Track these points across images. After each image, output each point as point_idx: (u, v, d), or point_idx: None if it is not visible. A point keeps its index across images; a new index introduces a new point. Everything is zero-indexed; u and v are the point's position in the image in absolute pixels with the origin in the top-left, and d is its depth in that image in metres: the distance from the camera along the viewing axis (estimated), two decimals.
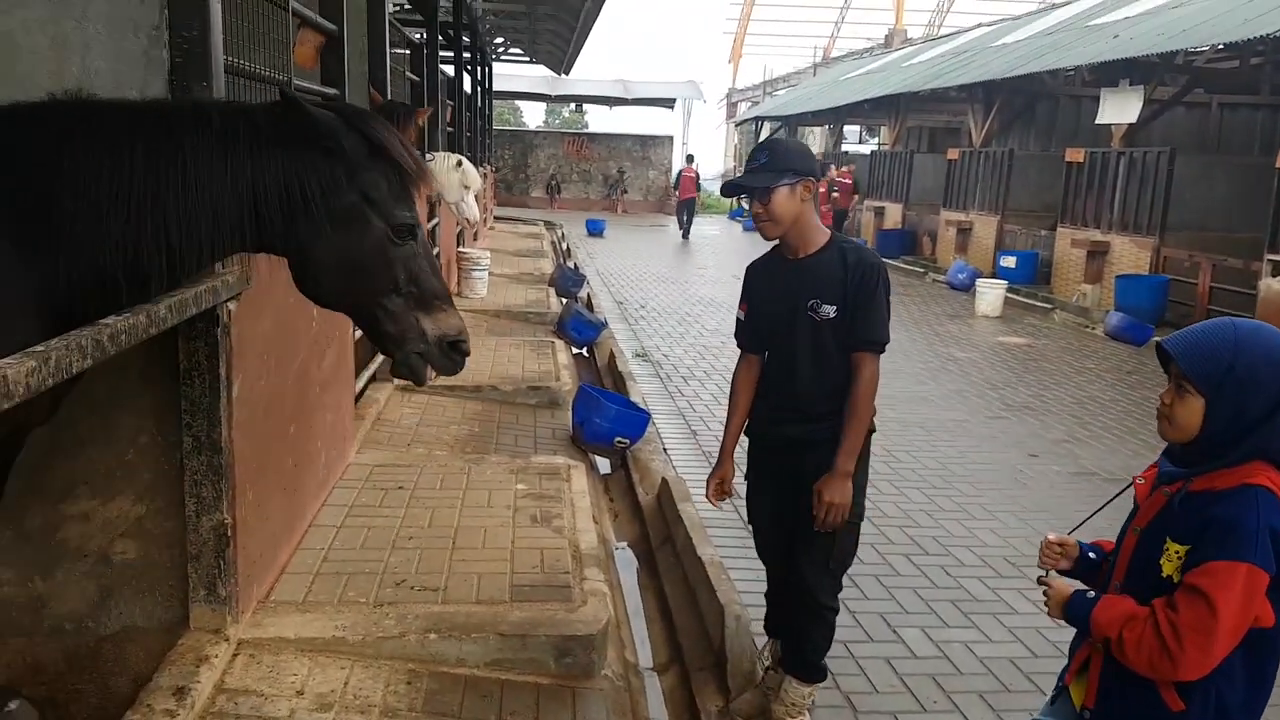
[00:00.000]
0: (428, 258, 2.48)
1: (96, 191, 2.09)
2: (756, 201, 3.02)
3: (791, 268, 3.11)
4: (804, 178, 3.00)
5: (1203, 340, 1.93)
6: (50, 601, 2.98)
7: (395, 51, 7.30)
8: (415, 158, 2.40)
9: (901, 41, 34.57)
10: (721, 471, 3.37)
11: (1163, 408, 1.98)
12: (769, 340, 3.21)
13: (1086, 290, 13.57)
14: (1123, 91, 13.55)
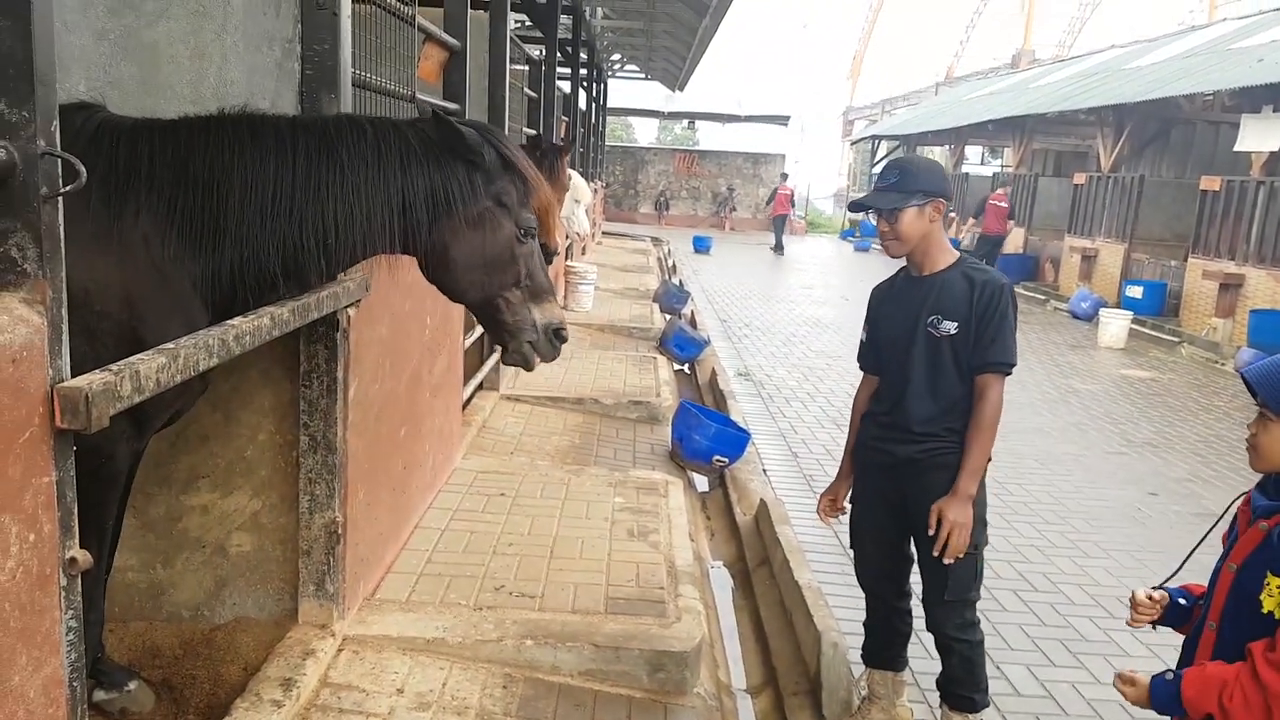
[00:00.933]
0: (539, 257, 2.77)
1: (261, 195, 2.33)
2: (884, 220, 3.01)
3: (914, 284, 3.10)
4: (933, 198, 2.98)
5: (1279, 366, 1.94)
6: (169, 589, 3.12)
7: (514, 67, 7.46)
8: (535, 171, 2.70)
9: (1029, 62, 33.64)
10: (835, 489, 3.39)
11: (1250, 438, 1.97)
12: (886, 358, 3.19)
13: (1217, 324, 12.90)
14: (1265, 118, 12.87)
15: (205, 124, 2.37)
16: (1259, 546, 1.93)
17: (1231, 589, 1.98)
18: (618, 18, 16.42)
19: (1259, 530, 1.94)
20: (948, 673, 3.16)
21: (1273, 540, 1.89)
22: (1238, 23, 19.75)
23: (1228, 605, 1.97)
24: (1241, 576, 1.96)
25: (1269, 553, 1.90)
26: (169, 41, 2.85)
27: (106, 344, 2.09)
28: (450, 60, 4.58)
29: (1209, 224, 13.80)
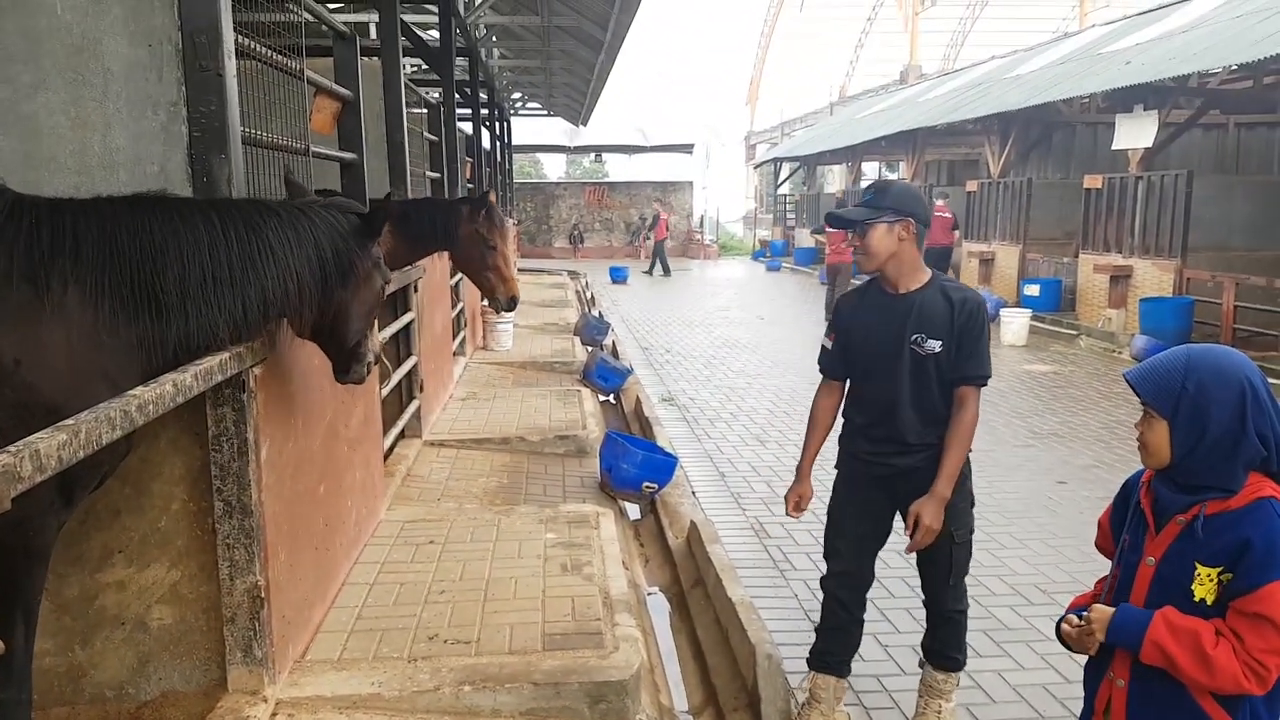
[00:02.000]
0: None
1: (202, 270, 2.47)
2: (855, 234, 3.20)
3: (892, 302, 3.24)
4: (903, 218, 3.15)
5: (1157, 366, 2.06)
6: (90, 670, 3.03)
7: (412, 112, 7.47)
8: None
9: (917, 77, 34.78)
10: (800, 489, 3.55)
11: (1139, 437, 2.09)
12: (868, 374, 3.34)
13: (1111, 315, 13.48)
14: (1137, 116, 13.55)
15: (127, 203, 2.45)
16: (1178, 539, 2.02)
17: (1153, 583, 2.06)
18: (514, 57, 16.56)
19: (1176, 524, 2.03)
20: (940, 638, 3.45)
21: (1196, 532, 1.98)
22: (1106, 28, 20.78)
23: (1151, 599, 2.05)
24: (1163, 570, 2.04)
25: (1193, 544, 1.98)
26: (48, 112, 2.81)
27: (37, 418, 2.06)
28: (344, 110, 4.59)
29: (1095, 220, 14.43)
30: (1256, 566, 1.88)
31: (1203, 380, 1.97)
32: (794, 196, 35.25)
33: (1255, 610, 1.87)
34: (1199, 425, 1.96)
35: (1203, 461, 1.97)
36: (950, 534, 3.27)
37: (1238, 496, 1.96)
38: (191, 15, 2.78)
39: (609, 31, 12.21)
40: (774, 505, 6.22)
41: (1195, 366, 2.00)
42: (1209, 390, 1.96)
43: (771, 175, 36.16)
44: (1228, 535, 1.93)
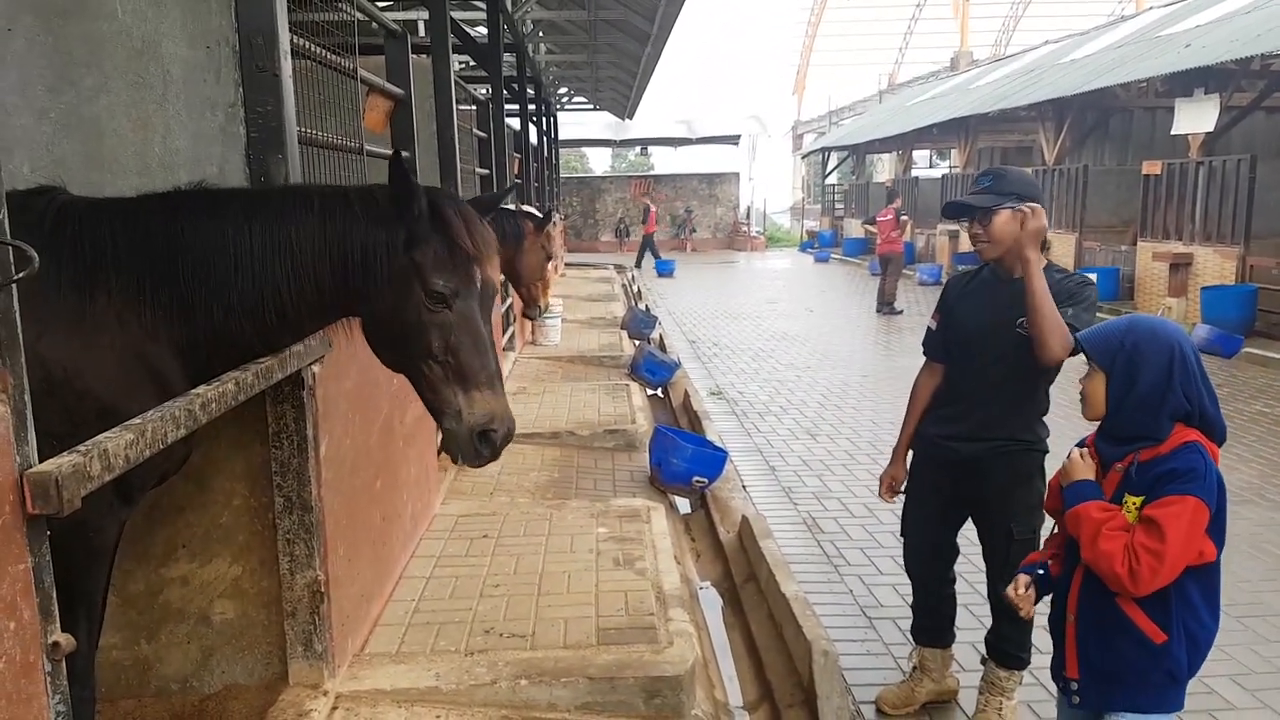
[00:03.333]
0: (472, 334, 2.46)
1: (222, 266, 2.37)
2: (976, 222, 3.16)
3: (1002, 286, 3.21)
4: (1028, 202, 3.11)
5: (1106, 327, 2.41)
6: (156, 663, 3.09)
7: (462, 109, 7.51)
8: (476, 238, 2.49)
9: (968, 64, 34.26)
10: (894, 471, 3.64)
11: (1080, 391, 2.41)
12: (963, 355, 3.33)
13: (1171, 304, 13.16)
14: (1198, 101, 13.20)
15: (162, 202, 2.41)
16: (1118, 486, 2.33)
17: None
18: (561, 52, 16.59)
19: (1115, 472, 2.35)
20: (1001, 633, 3.42)
21: (1130, 475, 2.30)
22: (1163, 10, 20.28)
23: None
24: None
25: (1126, 485, 2.31)
26: (110, 115, 2.86)
27: (89, 423, 2.09)
28: (396, 108, 4.62)
29: (1154, 207, 14.10)
30: (1167, 481, 2.21)
31: (1138, 341, 2.29)
32: (842, 186, 34.91)
33: (1150, 514, 2.19)
34: (1130, 378, 2.28)
35: (1132, 412, 2.29)
36: (1009, 530, 3.27)
37: (1166, 443, 2.27)
38: (248, 17, 2.81)
39: (655, 24, 12.18)
40: (826, 500, 6.17)
41: (1134, 329, 2.33)
42: (1142, 349, 2.28)
43: (819, 165, 35.88)
44: (1155, 469, 2.25)
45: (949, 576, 3.61)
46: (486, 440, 2.48)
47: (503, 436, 2.49)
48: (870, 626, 4.35)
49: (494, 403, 2.47)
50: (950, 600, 3.65)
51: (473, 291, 2.47)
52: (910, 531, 3.62)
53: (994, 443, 3.24)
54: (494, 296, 2.59)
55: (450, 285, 2.43)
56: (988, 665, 3.51)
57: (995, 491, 3.29)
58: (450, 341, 2.45)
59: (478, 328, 2.47)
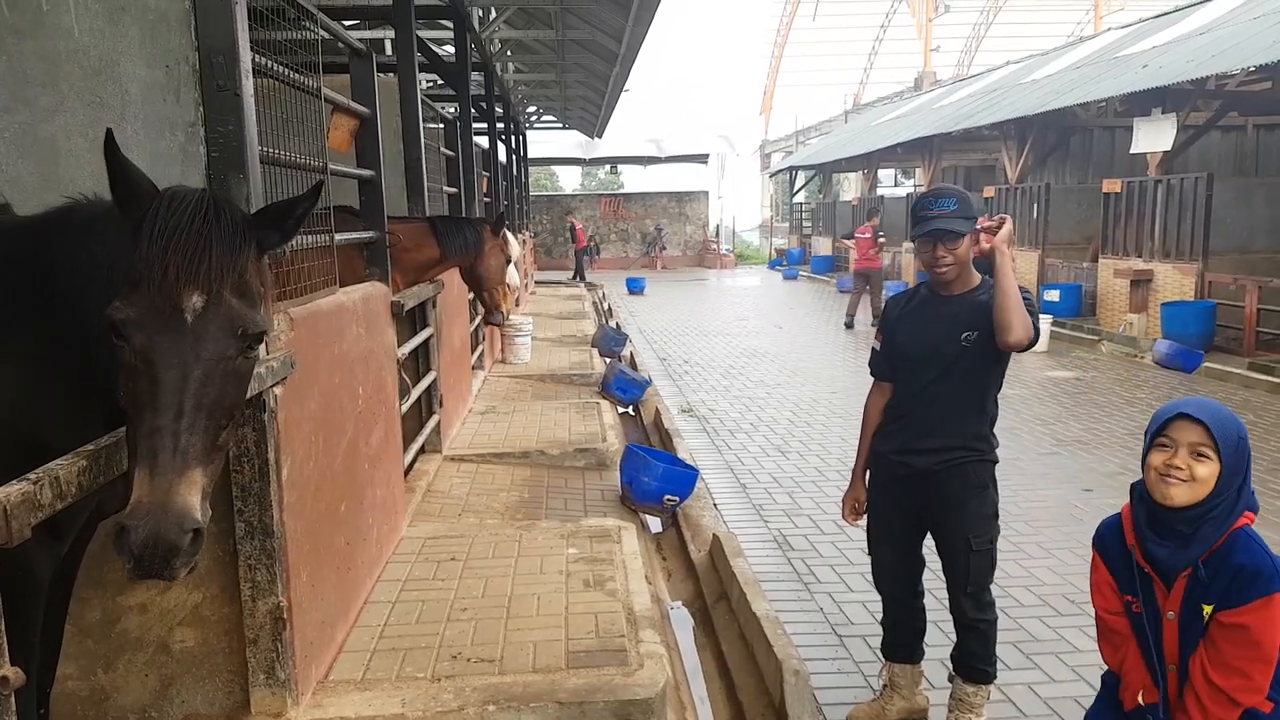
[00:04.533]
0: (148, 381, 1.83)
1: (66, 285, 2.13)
2: (943, 246, 3.20)
3: (944, 304, 3.30)
4: (984, 220, 3.28)
5: (1220, 412, 2.25)
6: (113, 693, 3.01)
7: (429, 127, 7.49)
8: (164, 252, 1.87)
9: (931, 83, 34.70)
10: (855, 493, 3.66)
11: (1179, 473, 2.20)
12: (908, 374, 3.38)
13: (1133, 319, 13.35)
14: (1155, 120, 13.44)
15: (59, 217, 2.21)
16: (1187, 590, 2.24)
17: (1181, 633, 2.28)
18: (530, 71, 16.60)
19: (1182, 580, 2.25)
20: (966, 648, 3.43)
21: (1200, 580, 2.20)
22: (1121, 32, 20.66)
23: (1183, 645, 2.27)
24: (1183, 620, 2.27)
25: (1199, 588, 2.21)
26: (66, 135, 2.81)
27: None
28: (361, 127, 4.58)
29: (1115, 224, 14.31)
30: (1244, 584, 2.13)
31: (1244, 433, 2.23)
32: (810, 204, 35.18)
33: (1235, 621, 2.11)
34: (1238, 470, 2.20)
35: (1226, 502, 2.19)
36: (968, 540, 3.30)
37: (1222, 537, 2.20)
38: (208, 35, 2.78)
39: (623, 44, 12.23)
40: (796, 517, 6.17)
41: (1237, 421, 2.24)
42: (1246, 441, 2.23)
43: (787, 184, 36.14)
44: (1223, 569, 2.17)
45: (918, 590, 3.63)
46: (120, 540, 1.75)
47: (142, 540, 1.72)
48: (841, 644, 4.34)
49: (144, 486, 1.76)
50: (920, 614, 3.66)
51: (163, 324, 1.84)
52: (875, 548, 3.64)
53: (945, 454, 3.30)
54: (227, 340, 1.90)
55: (126, 310, 1.84)
56: (955, 682, 3.52)
57: (950, 502, 3.33)
58: (128, 389, 1.86)
59: (159, 375, 1.82)
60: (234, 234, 1.94)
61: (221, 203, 1.99)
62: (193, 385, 1.82)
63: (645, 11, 10.32)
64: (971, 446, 3.32)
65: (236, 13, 2.78)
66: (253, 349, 1.97)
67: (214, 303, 1.86)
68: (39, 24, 2.76)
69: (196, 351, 1.84)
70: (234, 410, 1.96)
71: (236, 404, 1.97)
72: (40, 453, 1.89)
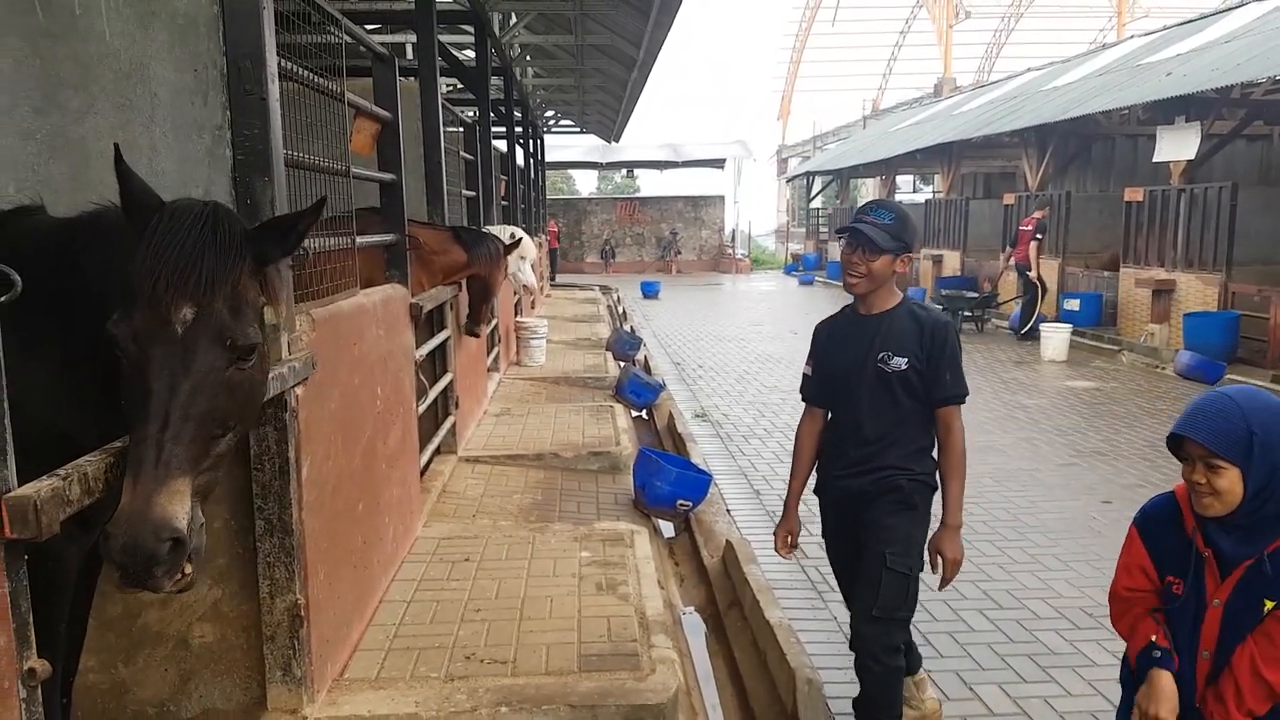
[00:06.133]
0: (139, 391, 1.87)
1: None
2: (861, 252, 3.12)
3: (861, 323, 3.24)
4: (909, 252, 3.18)
5: (1214, 417, 2.12)
6: (133, 687, 3.05)
7: (449, 131, 7.54)
8: (155, 267, 1.90)
9: (951, 90, 34.58)
10: (788, 525, 3.54)
11: (1202, 488, 2.11)
12: (836, 395, 3.32)
13: (1154, 330, 13.27)
14: (1179, 128, 13.36)
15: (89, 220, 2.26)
16: (1242, 581, 2.14)
17: (1224, 622, 2.18)
18: (548, 75, 16.66)
19: (1241, 570, 2.15)
20: (865, 695, 3.18)
21: (1264, 571, 2.10)
22: (1145, 39, 20.54)
23: (1224, 637, 2.18)
24: (1231, 610, 2.17)
25: (1260, 581, 2.11)
26: (96, 137, 2.85)
27: None
28: (383, 131, 4.63)
29: (1136, 233, 14.23)
30: None
31: (1265, 422, 2.07)
32: (826, 210, 35.13)
33: None
34: (1270, 465, 2.05)
35: (1272, 498, 2.06)
36: (883, 555, 3.09)
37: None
38: (237, 40, 2.82)
39: (642, 49, 12.25)
40: (811, 525, 6.16)
41: (1251, 410, 2.08)
42: (1272, 429, 2.06)
43: (804, 189, 36.10)
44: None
45: None
46: (104, 543, 1.78)
47: (119, 547, 1.75)
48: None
49: (128, 494, 1.80)
50: None
51: (154, 336, 1.88)
52: (838, 575, 3.54)
53: (877, 475, 3.19)
54: (217, 353, 1.93)
55: (122, 323, 1.89)
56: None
57: (875, 518, 3.19)
58: (125, 399, 1.92)
59: (148, 385, 1.86)
60: (229, 247, 1.96)
61: (222, 216, 2.01)
62: (180, 396, 1.85)
63: (664, 16, 10.34)
64: (903, 466, 3.19)
65: (264, 18, 2.82)
66: (245, 361, 1.99)
67: (204, 315, 1.89)
68: (71, 28, 2.80)
69: (185, 363, 1.87)
70: (229, 420, 1.98)
71: (231, 414, 1.99)
72: (67, 448, 1.93)
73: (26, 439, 1.70)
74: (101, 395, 2.13)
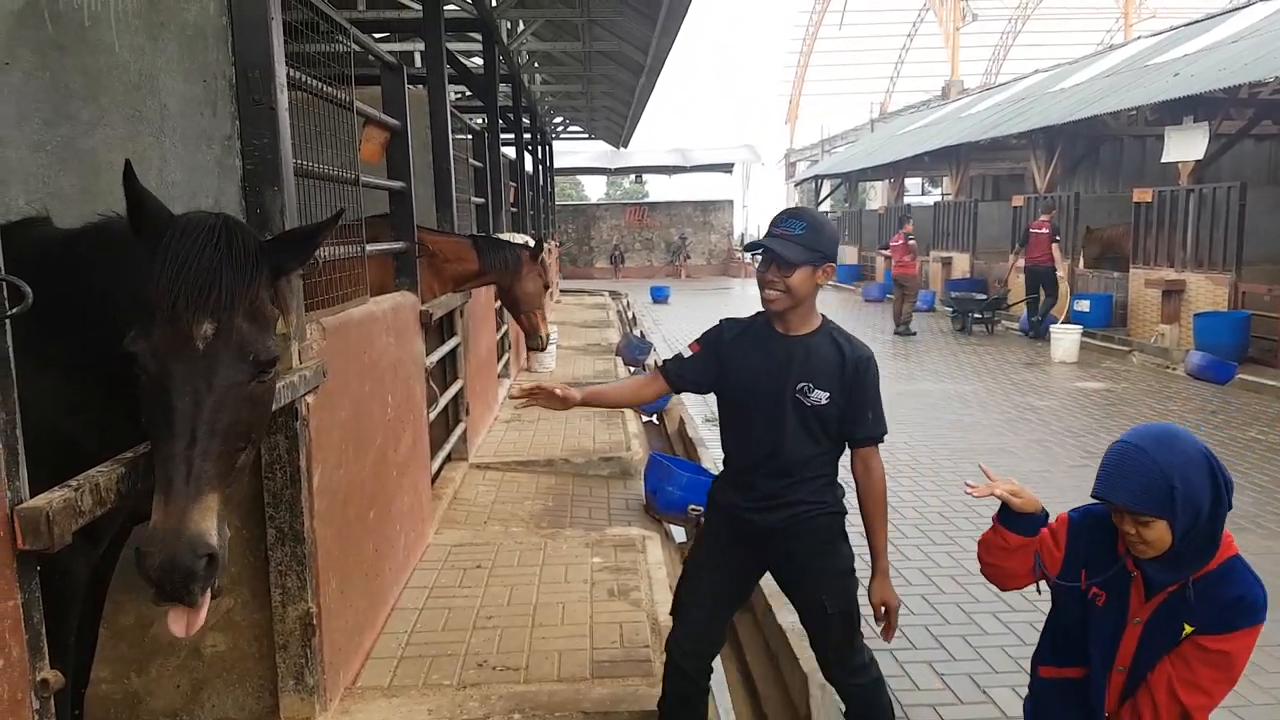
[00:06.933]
0: (161, 410, 1.87)
1: None
2: (775, 269, 2.82)
3: (781, 344, 2.92)
4: (830, 262, 2.89)
5: (1135, 477, 2.14)
6: (146, 697, 3.06)
7: (457, 138, 7.55)
8: (174, 282, 1.89)
9: (958, 92, 34.51)
10: (566, 393, 3.11)
11: (1133, 537, 2.18)
12: (746, 418, 2.97)
13: (1164, 330, 13.20)
14: (1187, 129, 13.31)
15: (94, 232, 2.26)
16: (1165, 603, 2.22)
17: (1142, 640, 2.26)
18: (556, 82, 16.71)
19: (1165, 594, 2.22)
20: (855, 713, 3.06)
21: (1187, 597, 2.18)
22: (1152, 40, 20.49)
23: (1141, 654, 2.26)
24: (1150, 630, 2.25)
25: (1183, 606, 2.19)
26: (106, 148, 2.87)
27: None
28: (392, 139, 4.64)
29: (1146, 234, 14.18)
30: (1237, 614, 2.14)
31: (1185, 474, 2.11)
32: (835, 213, 35.11)
33: (1220, 647, 2.13)
34: (1194, 511, 2.11)
35: (1198, 538, 2.14)
36: (822, 604, 2.92)
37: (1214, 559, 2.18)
38: (245, 51, 2.83)
39: (649, 55, 12.27)
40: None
41: (1168, 464, 2.11)
42: (1190, 479, 2.11)
43: (812, 192, 36.06)
44: (1214, 599, 2.16)
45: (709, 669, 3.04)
46: (140, 561, 1.80)
47: (157, 565, 1.77)
48: None
49: (160, 512, 1.80)
50: (704, 697, 3.06)
51: (176, 353, 1.88)
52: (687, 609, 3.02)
53: (791, 511, 2.89)
54: (238, 367, 1.93)
55: (139, 341, 1.88)
56: None
57: (801, 563, 2.94)
58: (147, 417, 1.91)
59: (173, 403, 1.86)
60: (245, 261, 1.95)
61: (235, 229, 2.01)
62: (206, 412, 1.85)
63: (671, 23, 10.36)
64: (819, 500, 2.92)
65: (273, 28, 2.84)
66: (265, 374, 1.99)
67: (225, 330, 1.89)
68: (81, 40, 2.82)
69: (208, 379, 1.86)
70: (250, 433, 1.99)
71: (253, 427, 2.00)
72: (78, 459, 1.93)
73: (36, 447, 1.71)
74: (105, 404, 2.14)
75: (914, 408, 9.62)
